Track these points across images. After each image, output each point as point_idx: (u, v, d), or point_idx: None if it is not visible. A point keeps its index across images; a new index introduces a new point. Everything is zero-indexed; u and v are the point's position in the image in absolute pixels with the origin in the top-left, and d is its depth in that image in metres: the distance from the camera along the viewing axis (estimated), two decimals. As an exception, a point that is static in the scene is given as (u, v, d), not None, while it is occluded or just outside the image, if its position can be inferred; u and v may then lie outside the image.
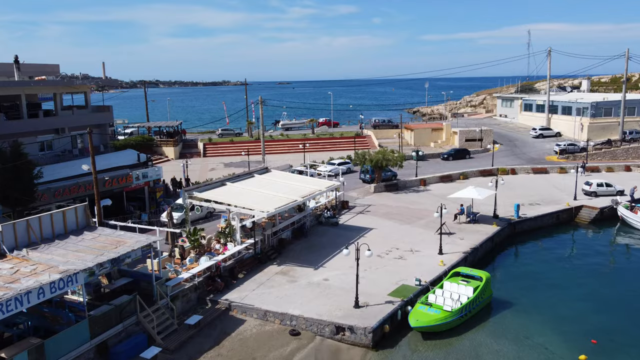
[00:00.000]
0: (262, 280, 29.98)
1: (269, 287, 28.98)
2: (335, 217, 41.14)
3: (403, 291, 28.39)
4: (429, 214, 43.05)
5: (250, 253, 32.19)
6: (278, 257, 33.36)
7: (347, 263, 31.58)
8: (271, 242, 34.33)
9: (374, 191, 51.14)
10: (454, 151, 68.85)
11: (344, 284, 29.24)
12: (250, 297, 27.79)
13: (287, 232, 36.50)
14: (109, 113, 41.88)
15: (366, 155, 51.62)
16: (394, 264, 32.48)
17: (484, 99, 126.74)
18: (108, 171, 38.31)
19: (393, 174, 55.61)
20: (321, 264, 32.43)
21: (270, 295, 27.92)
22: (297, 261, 32.79)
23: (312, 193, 36.04)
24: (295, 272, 31.19)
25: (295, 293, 28.20)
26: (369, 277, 30.14)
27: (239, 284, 29.43)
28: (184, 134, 79.31)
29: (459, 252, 34.41)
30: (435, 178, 55.84)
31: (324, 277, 30.38)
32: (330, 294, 28.07)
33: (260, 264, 32.09)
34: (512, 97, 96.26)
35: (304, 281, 29.81)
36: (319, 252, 34.57)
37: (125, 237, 25.07)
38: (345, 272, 30.90)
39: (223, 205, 31.91)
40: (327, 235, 38.11)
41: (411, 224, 40.98)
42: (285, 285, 29.31)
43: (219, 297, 27.73)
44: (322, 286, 29.10)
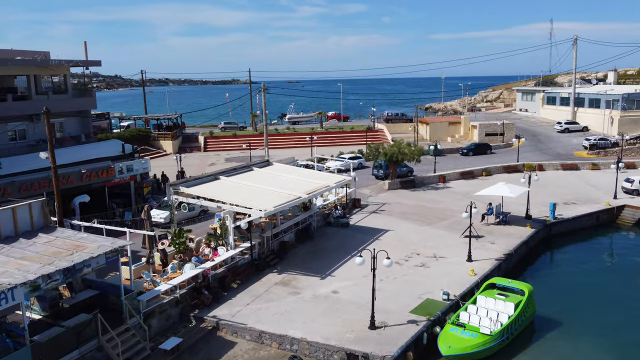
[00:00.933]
0: (259, 291, 25.11)
1: (266, 301, 24.10)
2: (346, 216, 36.21)
3: (428, 307, 23.42)
4: (452, 214, 38.10)
5: (245, 259, 27.36)
6: (279, 264, 28.48)
7: (360, 271, 26.69)
8: (271, 245, 29.47)
9: (389, 188, 46.15)
10: (474, 146, 63.64)
11: (357, 298, 24.33)
12: (243, 313, 22.94)
13: (290, 234, 31.62)
14: (92, 98, 37.33)
15: (380, 149, 46.61)
16: (416, 273, 27.49)
17: (501, 94, 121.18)
18: (86, 163, 33.62)
19: (409, 170, 50.54)
20: (329, 272, 27.52)
21: (268, 312, 23.05)
22: (301, 268, 27.90)
23: (320, 189, 31.13)
24: (298, 282, 26.30)
25: (297, 309, 23.31)
26: (387, 289, 25.18)
27: (230, 296, 24.58)
28: (184, 127, 74.71)
29: (491, 259, 29.35)
30: (455, 174, 50.77)
31: (332, 288, 25.47)
32: (340, 310, 23.15)
33: (258, 271, 27.24)
34: (534, 90, 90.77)
35: (308, 293, 24.91)
36: (327, 257, 29.66)
37: (87, 241, 20.28)
38: (358, 282, 25.99)
39: (214, 202, 27.07)
40: (336, 238, 33.20)
41: (432, 225, 35.95)
42: (286, 298, 24.42)
43: (205, 313, 22.91)
44: (331, 300, 24.20)
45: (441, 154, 62.85)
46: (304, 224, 33.13)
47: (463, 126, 72.59)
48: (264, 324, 21.92)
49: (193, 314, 22.88)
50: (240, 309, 23.27)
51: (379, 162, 49.42)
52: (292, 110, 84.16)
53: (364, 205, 40.88)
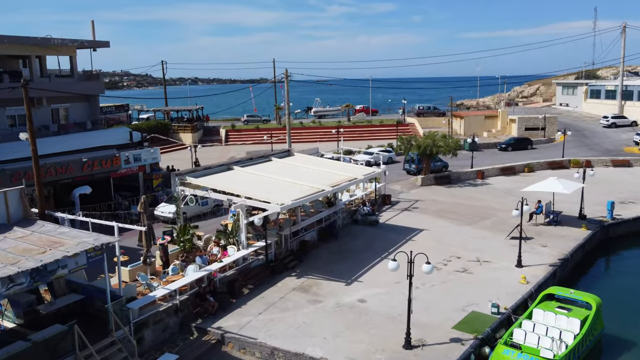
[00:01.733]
0: (273, 299, 21.58)
1: (281, 310, 20.55)
2: (375, 214, 32.43)
3: (474, 322, 19.54)
4: (493, 213, 34.02)
5: (259, 260, 23.88)
6: (298, 266, 24.91)
7: (392, 277, 22.90)
8: (290, 245, 25.92)
9: (422, 184, 42.16)
10: (513, 140, 59.07)
11: (388, 309, 20.60)
12: (253, 324, 19.43)
13: (312, 233, 28.02)
14: (99, 82, 34.39)
15: (412, 141, 42.63)
16: (457, 280, 23.59)
17: (538, 89, 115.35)
18: (88, 151, 30.62)
19: (443, 165, 46.49)
20: (356, 277, 23.83)
21: (283, 323, 19.49)
22: (323, 272, 24.27)
23: (346, 182, 27.45)
24: (319, 287, 22.68)
25: (318, 320, 19.69)
26: (424, 299, 21.36)
27: (240, 303, 21.11)
28: (207, 120, 71.81)
29: (544, 265, 25.24)
30: (495, 170, 46.44)
31: (359, 296, 21.77)
32: (368, 324, 19.45)
33: (273, 275, 23.72)
34: (575, 84, 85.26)
35: (331, 302, 21.27)
36: (353, 260, 25.97)
37: (67, 237, 17.02)
38: (389, 290, 22.26)
39: (225, 195, 23.65)
40: (363, 238, 29.47)
41: (472, 224, 31.90)
42: (304, 307, 20.83)
43: (209, 323, 19.48)
44: (357, 310, 20.51)
45: (477, 148, 58.56)
46: (327, 221, 29.50)
47: (500, 120, 67.94)
48: (277, 338, 18.37)
49: (195, 324, 19.47)
50: (250, 320, 19.76)
51: (410, 156, 45.50)
52: (318, 103, 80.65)
53: (394, 202, 37.05)
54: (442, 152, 41.86)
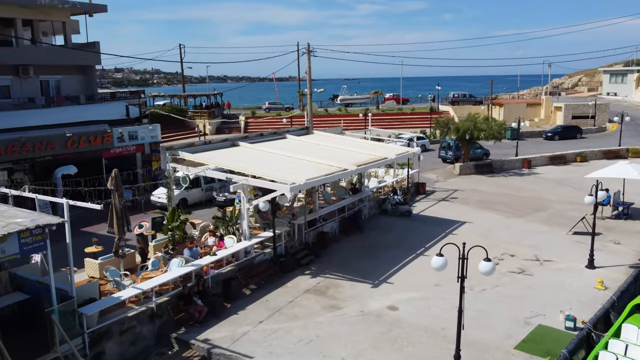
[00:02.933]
0: (280, 303, 17.01)
1: (289, 319, 15.97)
2: (408, 203, 27.59)
3: (544, 340, 14.64)
4: (549, 204, 28.89)
5: (266, 254, 19.36)
6: (314, 263, 20.32)
7: (430, 278, 18.24)
8: (305, 237, 21.32)
9: (460, 173, 37.10)
10: (561, 128, 53.35)
11: (427, 319, 15.83)
12: (252, 336, 14.90)
13: (332, 224, 23.39)
14: (95, 52, 30.38)
15: (450, 124, 37.54)
16: (513, 283, 18.65)
17: (579, 80, 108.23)
18: (76, 126, 26.56)
19: (484, 152, 41.23)
20: (385, 277, 19.11)
21: (290, 336, 14.91)
22: (345, 270, 19.62)
23: (374, 161, 22.69)
24: (339, 290, 18.02)
25: (335, 333, 15.05)
26: (474, 307, 16.52)
27: (237, 308, 16.60)
28: (227, 106, 67.71)
29: (623, 266, 20.11)
30: (542, 159, 41.02)
31: (389, 302, 17.04)
32: (401, 339, 14.71)
33: (283, 272, 19.19)
34: (625, 71, 78.51)
35: (353, 309, 16.59)
36: (382, 256, 21.25)
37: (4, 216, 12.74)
38: (428, 294, 17.52)
39: (223, 172, 19.17)
40: (394, 231, 24.70)
41: (525, 217, 26.81)
42: (319, 315, 16.21)
43: (195, 333, 15.02)
44: (387, 321, 15.79)
45: (520, 137, 53.15)
46: (351, 210, 24.82)
47: (544, 108, 62.08)
48: (280, 357, 13.81)
49: (176, 334, 15.03)
50: (247, 330, 15.23)
51: (447, 142, 40.46)
52: (344, 91, 75.82)
53: (429, 192, 32.13)
54: (484, 136, 36.69)
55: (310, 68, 38.45)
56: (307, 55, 37.96)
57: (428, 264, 18.90)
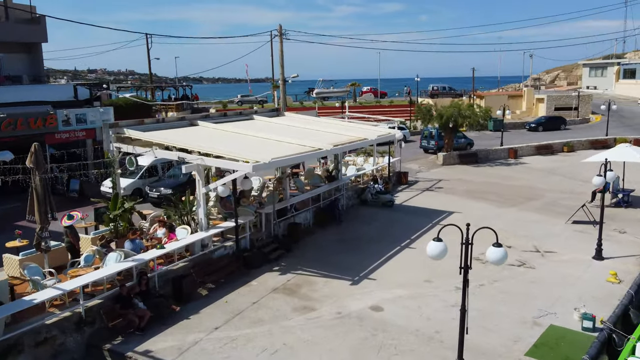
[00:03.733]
0: (242, 304, 14.20)
1: (252, 323, 13.17)
2: (390, 193, 25.01)
3: (559, 345, 12.14)
4: (541, 193, 26.70)
5: (228, 248, 16.53)
6: (284, 258, 17.55)
7: (419, 273, 15.75)
8: (274, 229, 18.54)
9: (443, 163, 34.74)
10: (544, 119, 51.56)
11: (417, 321, 13.21)
12: (204, 347, 12.07)
13: (306, 215, 20.68)
14: (39, 28, 27.09)
15: (432, 111, 35.15)
16: (514, 277, 16.16)
17: (557, 77, 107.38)
18: (14, 106, 23.30)
19: (468, 142, 39.04)
20: (366, 272, 16.45)
21: (252, 346, 12.12)
22: (320, 266, 16.91)
23: (354, 142, 20.00)
24: (313, 288, 15.29)
25: (308, 340, 12.32)
26: (472, 306, 13.90)
27: (189, 312, 13.74)
28: (196, 99, 64.39)
29: (634, 256, 17.80)
30: (529, 149, 38.98)
31: (372, 302, 14.37)
32: (388, 346, 12.03)
33: (247, 269, 16.40)
34: (605, 64, 77.45)
35: (329, 310, 13.87)
36: (363, 250, 18.60)
37: None
38: (417, 292, 14.95)
39: (174, 151, 16.25)
40: (376, 222, 22.09)
41: (517, 206, 24.46)
42: (288, 318, 13.44)
43: (134, 344, 12.12)
44: (370, 324, 13.10)
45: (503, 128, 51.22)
46: (327, 200, 22.12)
47: (526, 100, 60.35)
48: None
49: (110, 344, 12.11)
50: (200, 338, 12.40)
51: (429, 131, 38.11)
52: (320, 85, 73.15)
53: (412, 182, 29.65)
54: (468, 124, 34.40)
55: (282, 52, 35.70)
56: (279, 37, 35.20)
57: (415, 257, 16.35)
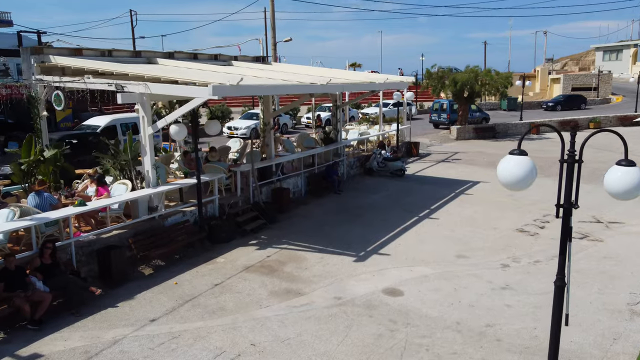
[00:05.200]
0: (198, 288, 9.81)
1: (207, 314, 8.76)
2: (401, 160, 20.60)
3: (684, 345, 7.70)
4: (583, 165, 22.10)
5: (187, 215, 12.14)
6: (265, 230, 13.18)
7: (449, 247, 11.42)
8: (253, 195, 14.15)
9: (457, 137, 30.39)
10: (563, 98, 47.28)
11: (457, 311, 8.81)
12: (124, 349, 7.66)
13: (297, 181, 16.32)
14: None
15: (445, 78, 30.75)
16: (579, 252, 11.76)
17: (565, 65, 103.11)
18: None
19: (484, 116, 34.87)
20: (375, 246, 12.10)
21: (199, 349, 7.72)
22: (313, 239, 12.57)
23: (357, 84, 15.58)
24: (302, 266, 10.90)
25: (291, 341, 7.91)
26: (530, 289, 9.65)
27: (119, 297, 9.37)
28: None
29: None
30: (552, 124, 34.58)
31: (385, 283, 9.97)
32: (415, 346, 7.61)
33: (213, 242, 12.03)
34: (620, 47, 73.22)
35: (323, 295, 9.46)
36: (369, 221, 14.25)
37: None
38: (450, 270, 10.62)
39: (112, 80, 11.82)
40: (385, 191, 17.71)
41: (554, 176, 20.09)
42: (263, 307, 9.04)
43: (20, 344, 7.74)
44: (384, 313, 8.69)
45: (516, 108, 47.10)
46: (323, 165, 17.74)
47: (539, 81, 56.07)
48: (172, 390, 6.62)
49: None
50: (124, 335, 8.00)
51: (440, 103, 33.83)
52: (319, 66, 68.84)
53: (423, 154, 25.31)
54: (486, 92, 30.06)
55: (273, 12, 31.33)
56: None
57: (439, 229, 12.09)
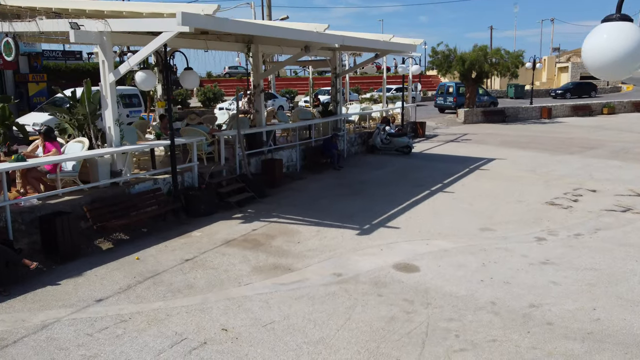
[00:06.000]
0: (164, 263, 7.91)
1: (170, 293, 6.85)
2: (408, 137, 18.67)
3: None
4: (601, 144, 20.80)
5: (159, 183, 10.23)
6: (252, 204, 11.28)
7: (470, 220, 9.47)
8: (240, 166, 12.24)
9: (465, 121, 28.52)
10: (573, 85, 45.39)
11: (490, 289, 6.88)
12: (53, 335, 5.75)
13: (291, 154, 14.45)
14: None
15: (452, 57, 28.77)
16: (626, 225, 9.83)
17: (569, 59, 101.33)
18: None
19: (492, 100, 33.05)
20: (382, 219, 10.19)
21: (151, 337, 5.78)
22: (309, 212, 10.70)
23: (356, 37, 13.64)
24: (294, 239, 8.99)
25: (274, 325, 5.98)
26: (577, 264, 7.70)
27: (62, 273, 7.47)
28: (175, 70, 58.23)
29: None
30: (564, 108, 32.84)
31: (397, 258, 8.06)
32: (442, 335, 5.68)
33: (190, 216, 10.13)
34: (628, 37, 71.19)
35: (319, 272, 7.54)
36: (374, 195, 12.38)
37: None
38: (475, 243, 8.70)
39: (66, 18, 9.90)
40: (391, 167, 15.83)
41: (578, 154, 18.26)
42: (242, 284, 7.13)
43: None
44: (397, 293, 6.76)
45: (523, 96, 45.27)
46: (321, 139, 15.85)
47: (546, 70, 54.20)
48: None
49: None
50: (59, 318, 6.12)
51: (446, 86, 31.94)
52: (318, 58, 66.97)
53: (430, 135, 23.45)
54: (497, 72, 28.19)
55: None
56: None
57: (456, 202, 10.21)
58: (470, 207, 10.95)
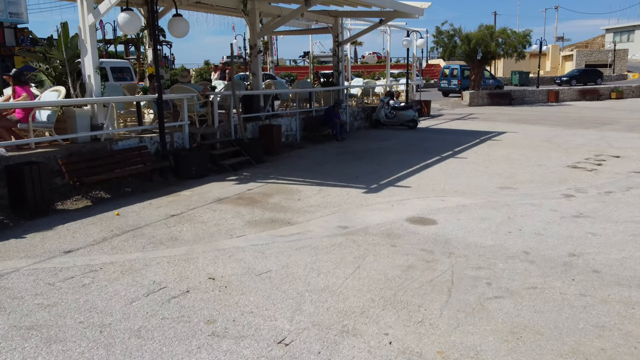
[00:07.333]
0: (146, 218, 6.98)
1: (152, 245, 5.91)
2: (414, 110, 17.73)
3: None
4: (615, 120, 20.07)
5: (146, 141, 9.30)
6: (248, 168, 10.37)
7: (488, 180, 8.59)
8: (235, 130, 11.30)
9: (470, 103, 27.58)
10: (578, 72, 44.32)
11: (520, 239, 5.98)
12: (7, 284, 4.80)
13: (291, 123, 13.52)
14: None
15: (456, 36, 27.80)
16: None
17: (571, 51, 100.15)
18: None
19: (497, 83, 32.08)
20: (391, 179, 9.30)
21: (122, 286, 4.85)
22: (310, 174, 9.77)
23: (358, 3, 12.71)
24: (293, 197, 8.06)
25: (270, 274, 5.05)
26: (622, 217, 6.75)
27: (29, 228, 6.55)
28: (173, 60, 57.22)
29: None
30: (571, 92, 31.92)
31: (410, 212, 7.14)
32: (470, 282, 4.74)
33: (178, 178, 9.21)
34: (633, 27, 70.07)
35: (323, 225, 6.60)
36: (380, 160, 11.46)
37: None
38: (496, 200, 7.77)
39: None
40: (396, 139, 14.93)
41: (593, 128, 17.37)
42: (234, 236, 6.19)
43: None
44: (414, 243, 5.82)
45: (527, 83, 44.28)
46: (322, 109, 14.93)
47: (550, 59, 53.23)
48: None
49: None
50: (18, 268, 5.17)
51: (450, 69, 30.98)
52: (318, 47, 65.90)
53: (435, 115, 22.52)
54: (504, 52, 27.24)
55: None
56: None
57: (470, 165, 9.28)
58: (486, 170, 10.04)
